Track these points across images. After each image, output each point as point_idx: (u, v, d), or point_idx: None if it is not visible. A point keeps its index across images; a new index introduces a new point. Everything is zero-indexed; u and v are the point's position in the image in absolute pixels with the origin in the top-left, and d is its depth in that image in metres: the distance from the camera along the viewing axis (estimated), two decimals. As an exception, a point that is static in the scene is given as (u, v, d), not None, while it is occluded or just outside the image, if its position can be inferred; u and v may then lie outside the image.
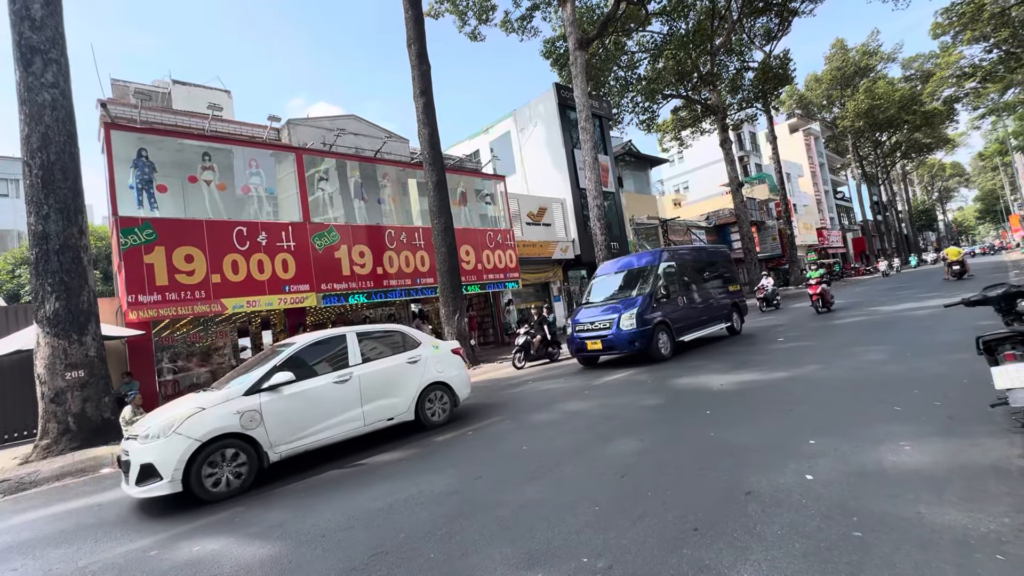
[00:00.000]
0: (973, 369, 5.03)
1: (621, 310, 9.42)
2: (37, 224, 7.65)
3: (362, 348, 5.95)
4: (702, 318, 10.80)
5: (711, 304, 11.31)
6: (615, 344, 9.27)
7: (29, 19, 7.65)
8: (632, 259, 11.11)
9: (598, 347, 9.57)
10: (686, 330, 10.17)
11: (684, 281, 10.79)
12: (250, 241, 12.08)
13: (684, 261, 11.14)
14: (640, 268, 10.50)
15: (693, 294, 10.88)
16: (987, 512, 2.49)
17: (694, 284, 11.12)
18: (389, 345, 6.36)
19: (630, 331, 9.13)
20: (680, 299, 10.33)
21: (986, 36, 29.08)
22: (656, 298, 9.62)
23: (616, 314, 9.41)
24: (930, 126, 47.15)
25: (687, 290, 10.74)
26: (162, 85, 17.66)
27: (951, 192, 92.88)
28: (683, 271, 10.93)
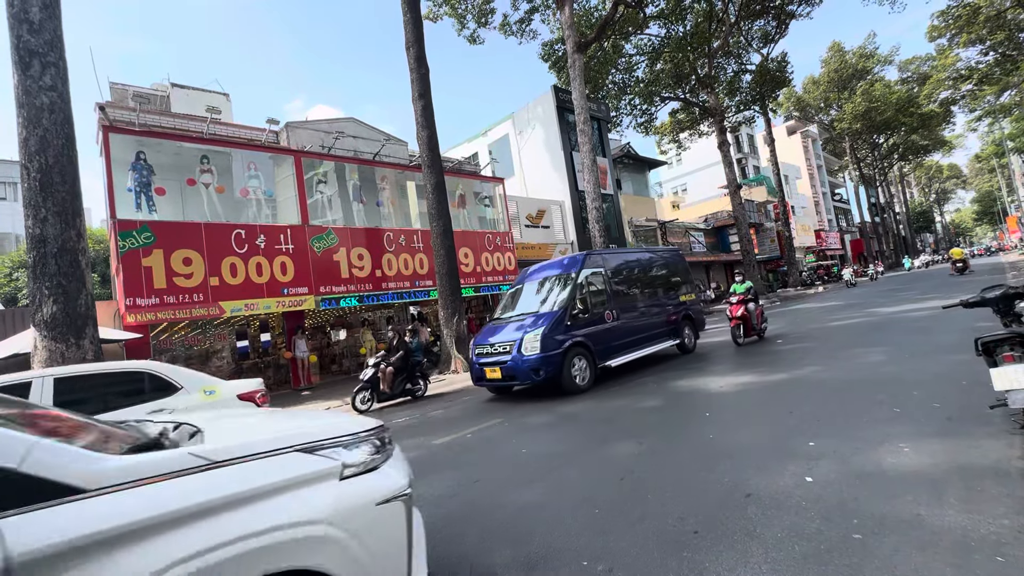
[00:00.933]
0: (972, 371, 5.04)
1: (526, 329, 7.61)
2: (35, 227, 7.63)
3: None
4: (640, 336, 9.06)
5: (654, 318, 9.63)
6: (515, 373, 7.41)
7: (27, 22, 7.64)
8: (554, 264, 9.22)
9: (497, 375, 7.66)
10: (615, 352, 8.36)
11: (616, 291, 8.98)
12: (248, 244, 12.07)
13: (617, 267, 9.44)
14: (558, 276, 8.64)
15: (629, 307, 9.13)
16: (986, 514, 2.49)
17: (631, 294, 9.49)
18: (120, 395, 4.12)
19: (533, 357, 7.24)
20: (609, 314, 8.50)
21: (982, 39, 29.26)
22: (572, 314, 7.81)
23: (520, 334, 7.56)
24: (927, 128, 47.36)
25: (620, 302, 8.92)
26: (161, 88, 17.67)
27: (948, 194, 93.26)
28: (616, 279, 9.19)
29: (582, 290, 8.21)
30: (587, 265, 8.65)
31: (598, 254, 9.33)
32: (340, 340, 17.73)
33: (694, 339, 10.50)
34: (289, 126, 14.63)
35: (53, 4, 8.04)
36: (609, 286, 8.85)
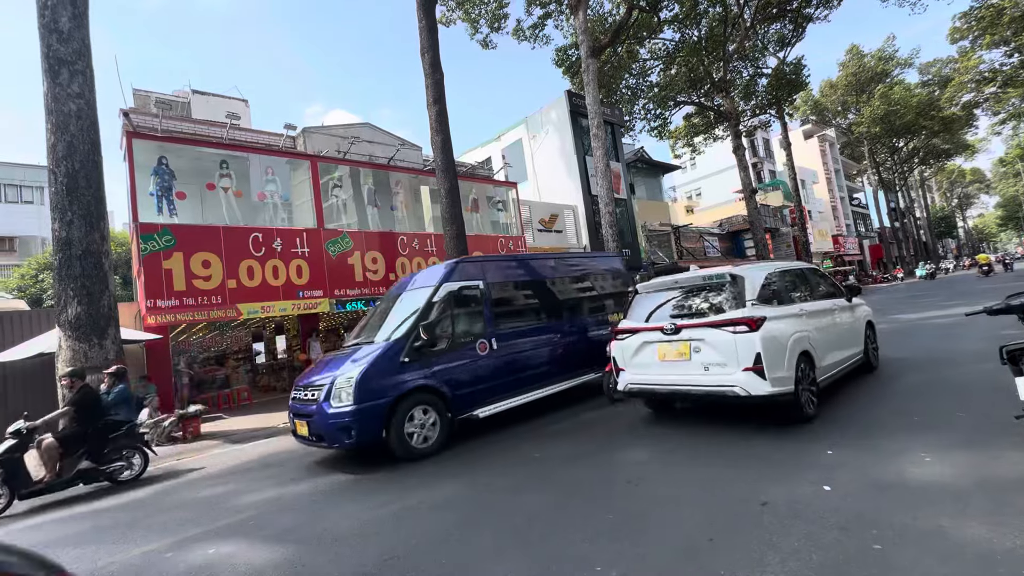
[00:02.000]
0: (997, 380, 4.91)
1: (342, 370, 5.42)
2: (61, 230, 7.85)
3: None
4: (537, 371, 6.86)
5: (565, 346, 7.32)
6: (321, 432, 5.24)
7: (57, 32, 7.90)
8: (423, 274, 7.00)
9: (305, 432, 5.52)
10: (489, 396, 6.20)
11: (500, 313, 6.73)
12: (265, 247, 12.26)
13: (505, 280, 7.10)
14: (414, 292, 6.41)
15: (520, 333, 6.86)
16: (1012, 526, 2.43)
17: (526, 316, 7.20)
18: None
19: (341, 411, 5.06)
20: (484, 344, 6.28)
21: (1006, 40, 28.61)
22: (415, 347, 5.56)
23: (334, 374, 5.43)
24: (949, 132, 46.37)
25: (505, 327, 6.68)
26: (182, 94, 18.09)
27: (971, 199, 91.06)
28: (501, 296, 6.92)
29: (439, 312, 5.94)
30: (454, 278, 6.35)
31: (475, 262, 6.90)
32: (354, 343, 17.87)
33: None
34: (306, 131, 14.85)
35: (81, 14, 8.28)
36: (488, 306, 6.55)
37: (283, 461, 6.16)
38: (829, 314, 5.76)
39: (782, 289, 5.30)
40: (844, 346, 5.86)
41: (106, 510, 4.98)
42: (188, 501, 4.89)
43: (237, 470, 6.02)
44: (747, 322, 4.56)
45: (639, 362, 5.38)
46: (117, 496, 5.47)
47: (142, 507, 4.92)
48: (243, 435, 8.36)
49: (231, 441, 8.06)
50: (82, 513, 4.98)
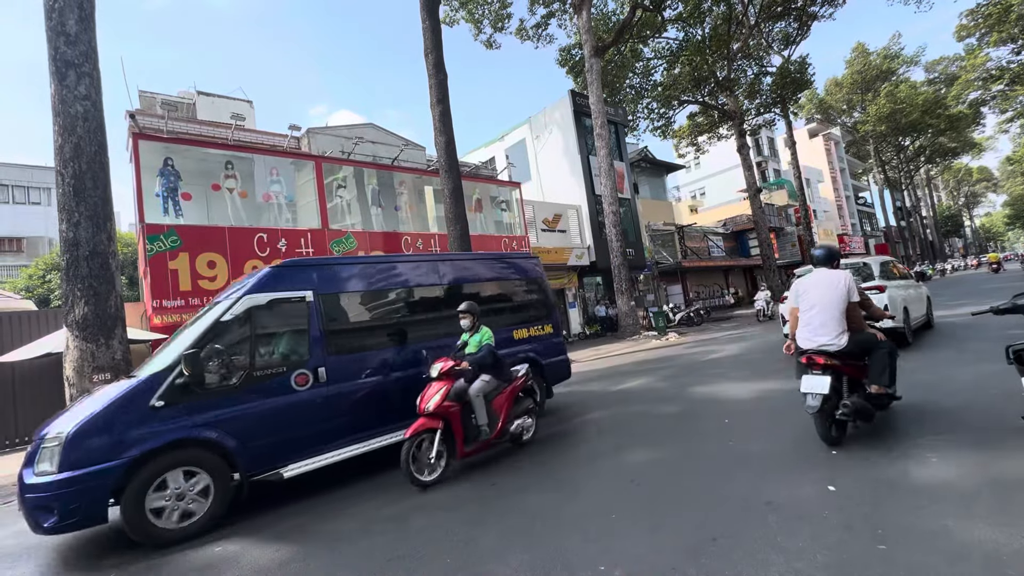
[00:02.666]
0: (1003, 379, 4.88)
1: (60, 420, 4.04)
2: (68, 231, 7.91)
3: None
4: (388, 411, 5.17)
5: None
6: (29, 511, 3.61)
7: (64, 34, 7.96)
8: (238, 283, 5.39)
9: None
10: (309, 447, 4.62)
11: (338, 331, 5.13)
12: (270, 247, 12.32)
13: (353, 288, 5.42)
14: (214, 307, 4.85)
15: (366, 360, 5.19)
16: (1019, 527, 2.41)
17: (384, 337, 5.46)
18: None
19: (39, 484, 3.57)
20: (304, 376, 4.71)
21: (1013, 38, 28.38)
22: (177, 384, 4.03)
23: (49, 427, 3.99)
24: (955, 130, 46.04)
25: (346, 352, 5.08)
26: (187, 96, 18.20)
27: (978, 197, 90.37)
28: (340, 310, 5.27)
29: (232, 335, 4.42)
30: (266, 287, 4.76)
31: (303, 267, 5.18)
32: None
33: (542, 397, 6.54)
34: (310, 132, 14.92)
35: (88, 17, 8.36)
36: (318, 324, 4.91)
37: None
38: (912, 287, 9.19)
39: (888, 272, 8.62)
40: (920, 309, 9.10)
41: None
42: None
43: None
44: (879, 288, 7.79)
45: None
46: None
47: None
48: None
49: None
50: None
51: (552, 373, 7.04)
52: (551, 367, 7.02)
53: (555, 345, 7.26)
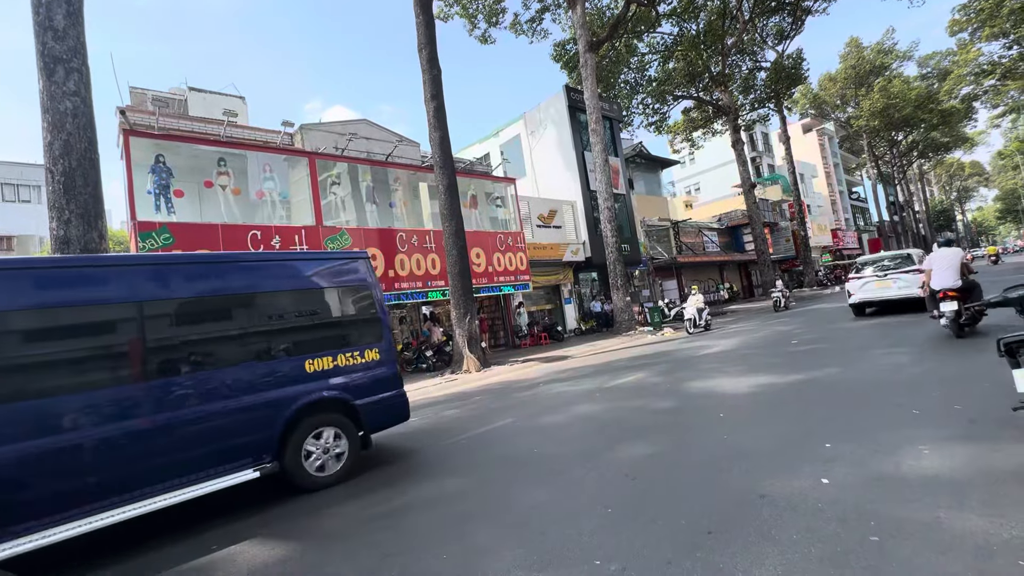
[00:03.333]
0: (994, 372, 4.93)
1: None
2: (59, 229, 7.83)
3: None
4: (93, 479, 3.62)
5: (182, 424, 4.03)
6: None
7: (52, 29, 7.85)
8: None
9: None
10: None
11: (18, 367, 3.60)
12: (264, 245, 12.24)
13: (46, 303, 3.80)
14: None
15: (55, 408, 3.59)
16: (1010, 518, 2.44)
17: (94, 371, 3.91)
18: None
19: None
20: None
21: (1005, 32, 28.54)
22: None
23: None
24: (948, 125, 46.32)
25: (21, 397, 3.50)
26: (179, 92, 18.02)
27: (970, 192, 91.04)
28: (26, 334, 3.74)
29: None
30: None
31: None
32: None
33: (344, 451, 4.81)
34: (303, 128, 14.81)
35: (77, 11, 8.24)
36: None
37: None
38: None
39: (922, 260, 10.28)
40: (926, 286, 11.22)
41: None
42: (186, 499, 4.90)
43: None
44: (918, 270, 10.10)
45: (864, 289, 11.52)
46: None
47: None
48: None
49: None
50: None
51: (372, 417, 5.10)
52: (371, 409, 5.07)
53: (380, 378, 5.25)
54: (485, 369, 12.56)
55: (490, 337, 19.01)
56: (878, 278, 11.24)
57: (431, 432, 6.40)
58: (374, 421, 5.17)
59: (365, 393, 5.08)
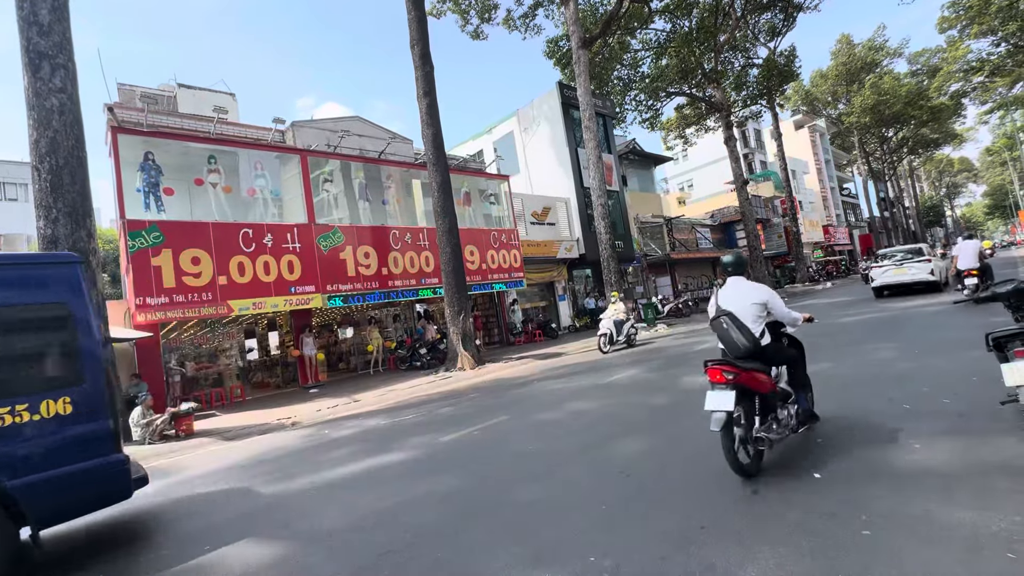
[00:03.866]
0: (983, 366, 4.99)
1: None
2: (46, 228, 7.73)
3: None
4: None
5: None
6: None
7: (37, 24, 7.73)
8: None
9: None
10: None
11: None
12: (256, 243, 12.15)
13: None
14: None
15: None
16: (997, 510, 2.48)
17: None
18: None
19: None
20: None
21: (994, 29, 28.79)
22: None
23: None
24: (937, 121, 46.74)
25: None
26: (168, 89, 17.80)
27: (959, 188, 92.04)
28: None
29: None
30: None
31: None
32: (347, 338, 17.82)
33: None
34: (295, 125, 14.69)
35: (62, 6, 8.11)
36: None
37: (278, 457, 6.15)
38: (941, 260, 15.05)
39: (932, 253, 14.23)
40: (940, 273, 14.11)
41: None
42: (183, 499, 4.87)
43: (232, 466, 6.00)
44: (928, 259, 13.68)
45: (884, 275, 14.04)
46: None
47: (136, 506, 4.89)
48: (237, 432, 8.32)
49: (225, 438, 8.03)
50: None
51: (46, 502, 3.41)
52: (42, 491, 3.38)
53: (70, 442, 3.57)
54: (479, 367, 12.55)
55: (484, 334, 19.00)
56: (896, 266, 14.00)
57: (425, 430, 6.39)
58: (51, 508, 3.43)
59: (31, 467, 3.35)
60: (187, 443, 7.89)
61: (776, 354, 3.62)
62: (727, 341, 3.52)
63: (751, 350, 3.42)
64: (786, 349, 3.80)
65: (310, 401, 10.76)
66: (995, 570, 2.04)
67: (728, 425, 3.18)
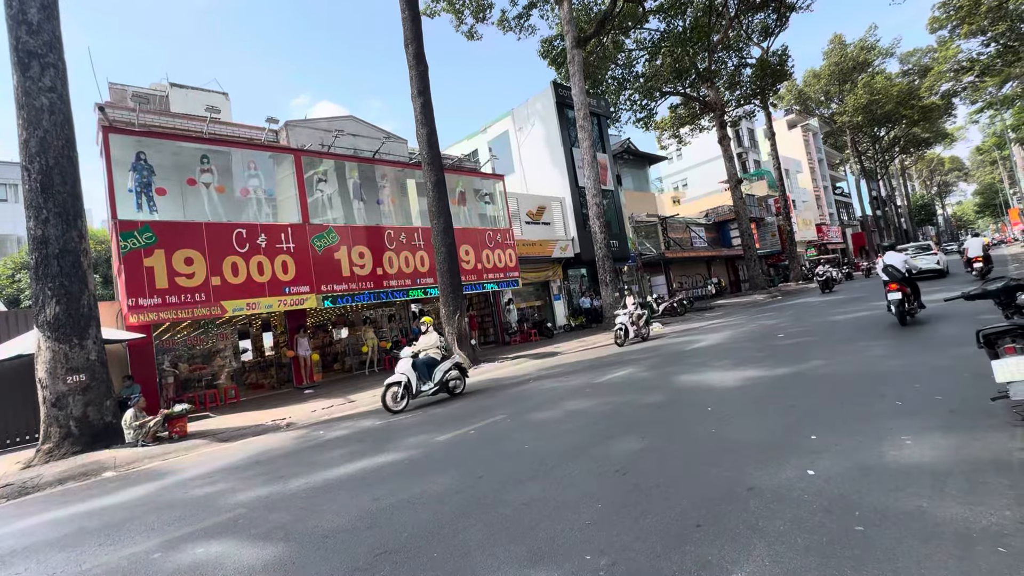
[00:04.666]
0: (974, 363, 5.04)
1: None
2: (37, 228, 7.65)
3: None
4: None
5: None
6: None
7: (26, 23, 7.65)
8: None
9: None
10: None
11: None
12: (249, 243, 12.09)
13: None
14: None
15: None
16: (988, 505, 2.50)
17: None
18: None
19: None
20: None
21: (984, 30, 29.07)
22: None
23: None
24: (928, 121, 47.19)
25: None
26: (160, 88, 17.66)
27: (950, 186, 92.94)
28: None
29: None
30: None
31: None
32: (342, 338, 17.77)
33: None
34: (288, 125, 14.62)
35: (51, 5, 8.04)
36: None
37: (273, 458, 6.12)
38: (945, 253, 23.42)
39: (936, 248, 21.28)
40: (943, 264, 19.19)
41: (93, 511, 4.90)
42: (176, 501, 4.84)
43: (226, 468, 5.97)
44: (935, 252, 20.12)
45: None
46: (105, 497, 5.40)
47: (129, 508, 4.85)
48: (231, 433, 8.28)
49: (219, 439, 7.98)
50: (70, 515, 4.90)
51: None
52: None
53: None
54: (475, 366, 12.55)
55: (480, 334, 19.00)
56: (913, 256, 16.92)
57: (422, 430, 6.38)
58: None
59: None
60: (180, 445, 7.85)
61: (911, 282, 8.73)
62: (893, 276, 8.55)
63: (904, 278, 8.51)
64: (913, 282, 8.78)
65: (305, 402, 10.72)
66: (986, 565, 2.06)
67: (900, 303, 8.25)
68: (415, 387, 8.27)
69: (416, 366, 8.43)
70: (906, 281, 8.36)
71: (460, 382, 9.03)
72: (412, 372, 8.31)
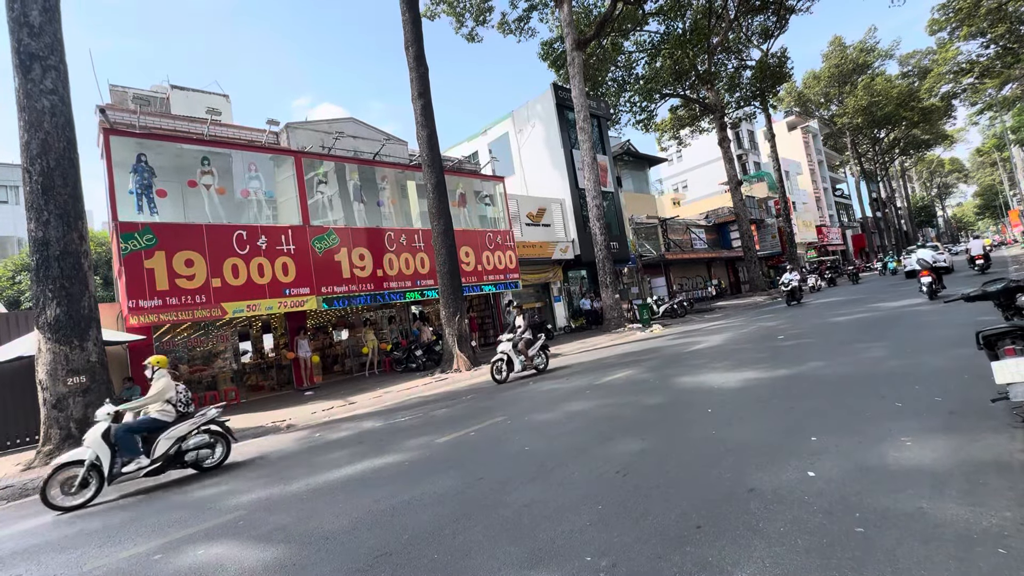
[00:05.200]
0: (973, 364, 5.04)
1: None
2: (37, 230, 7.67)
3: None
4: None
5: None
6: None
7: (27, 26, 7.67)
8: None
9: None
10: None
11: None
12: (250, 245, 12.10)
13: None
14: None
15: None
16: (989, 507, 2.50)
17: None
18: None
19: None
20: None
21: (983, 31, 29.14)
22: None
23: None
24: (928, 122, 47.24)
25: None
26: (160, 90, 17.69)
27: (950, 188, 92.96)
28: None
29: None
30: None
31: None
32: (342, 340, 17.76)
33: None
34: (289, 127, 14.64)
35: (53, 7, 8.06)
36: None
37: (273, 460, 6.12)
38: (951, 254, 27.93)
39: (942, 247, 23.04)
40: (948, 262, 18.53)
41: (94, 513, 4.90)
42: (176, 502, 4.84)
43: (226, 469, 5.96)
44: (942, 252, 18.86)
45: (912, 264, 17.52)
46: (105, 498, 5.39)
47: (130, 509, 4.84)
48: (231, 435, 8.26)
49: (219, 441, 7.96)
50: (70, 518, 4.90)
51: None
52: None
53: None
54: (475, 368, 12.54)
55: (480, 336, 18.99)
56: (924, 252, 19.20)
57: (422, 432, 6.38)
58: None
59: None
60: (181, 447, 7.82)
61: (936, 270, 12.19)
62: (924, 265, 12.32)
63: (932, 267, 12.28)
64: (938, 270, 12.30)
65: (305, 403, 10.72)
66: (987, 566, 2.06)
67: (931, 284, 11.73)
68: (510, 361, 9.78)
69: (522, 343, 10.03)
70: (933, 269, 12.10)
71: (542, 359, 10.46)
72: (512, 350, 9.87)
